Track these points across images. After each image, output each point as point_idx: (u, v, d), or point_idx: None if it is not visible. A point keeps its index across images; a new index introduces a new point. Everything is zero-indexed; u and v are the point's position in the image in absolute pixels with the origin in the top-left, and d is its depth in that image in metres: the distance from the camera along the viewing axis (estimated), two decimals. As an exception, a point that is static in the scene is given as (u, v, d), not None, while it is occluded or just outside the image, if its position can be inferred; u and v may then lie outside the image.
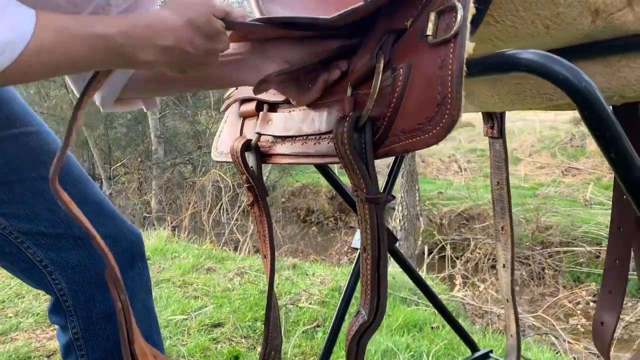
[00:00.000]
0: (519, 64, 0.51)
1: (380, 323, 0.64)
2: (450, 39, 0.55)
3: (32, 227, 0.88)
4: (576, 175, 8.03)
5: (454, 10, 0.56)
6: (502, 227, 1.27)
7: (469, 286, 4.98)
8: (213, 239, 5.76)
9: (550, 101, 0.89)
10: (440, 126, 0.54)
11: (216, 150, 1.06)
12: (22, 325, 2.33)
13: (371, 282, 0.63)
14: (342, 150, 0.62)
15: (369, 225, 0.63)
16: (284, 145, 0.84)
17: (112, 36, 0.59)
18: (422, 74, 0.58)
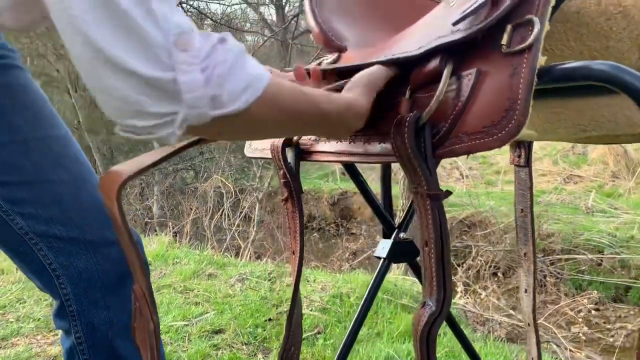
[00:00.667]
0: (591, 74, 0.54)
1: (447, 313, 0.68)
2: (525, 50, 0.59)
3: (47, 230, 0.90)
4: (578, 183, 8.02)
5: (530, 25, 0.60)
6: (524, 254, 1.30)
7: (470, 293, 4.97)
8: (214, 244, 5.76)
9: (584, 132, 0.90)
10: (506, 130, 0.57)
11: (250, 147, 1.09)
12: (23, 330, 2.33)
13: (436, 275, 0.66)
14: (402, 148, 0.65)
15: (431, 219, 0.66)
16: (329, 144, 0.87)
17: (330, 114, 0.66)
18: (491, 79, 0.61)
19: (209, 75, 0.53)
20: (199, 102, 0.53)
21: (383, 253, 1.24)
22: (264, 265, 3.49)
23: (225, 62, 0.54)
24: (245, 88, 0.56)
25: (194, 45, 0.53)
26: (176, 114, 0.54)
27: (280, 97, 0.61)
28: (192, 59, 0.52)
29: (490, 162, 9.46)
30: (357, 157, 0.79)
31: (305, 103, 0.64)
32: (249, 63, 0.57)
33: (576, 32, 0.73)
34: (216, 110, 0.55)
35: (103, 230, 0.94)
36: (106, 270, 0.94)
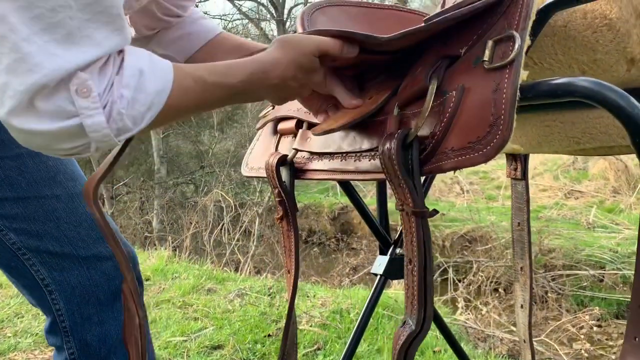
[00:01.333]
0: (574, 91, 0.55)
1: (427, 332, 0.67)
2: (506, 65, 0.59)
3: (40, 245, 0.90)
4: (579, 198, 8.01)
5: (512, 40, 0.61)
6: (521, 268, 1.29)
7: (471, 309, 4.93)
8: (214, 259, 5.74)
9: (577, 145, 0.90)
10: (491, 145, 0.58)
11: (246, 166, 1.10)
12: (20, 345, 2.31)
13: (418, 293, 0.66)
14: (390, 165, 0.66)
15: (416, 238, 0.66)
16: (321, 162, 0.87)
17: (237, 85, 0.69)
18: (475, 96, 0.62)
19: (108, 113, 0.58)
20: (104, 138, 0.59)
21: (380, 270, 1.23)
22: (263, 281, 3.47)
23: (122, 97, 0.59)
24: (148, 109, 0.61)
25: (93, 89, 0.57)
26: (89, 144, 0.59)
27: (184, 98, 0.64)
28: (93, 104, 0.57)
29: (491, 177, 9.46)
30: (350, 175, 0.79)
31: (211, 88, 0.67)
32: (149, 82, 0.61)
33: (564, 45, 0.74)
34: (122, 136, 0.61)
35: (96, 246, 0.94)
36: (100, 286, 0.94)
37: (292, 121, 0.99)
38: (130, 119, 0.59)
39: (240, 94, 0.70)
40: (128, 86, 0.59)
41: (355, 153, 0.78)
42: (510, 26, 0.62)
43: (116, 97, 0.58)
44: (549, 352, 3.95)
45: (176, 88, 0.63)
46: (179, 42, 1.01)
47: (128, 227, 8.12)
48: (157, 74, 0.62)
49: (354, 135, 0.80)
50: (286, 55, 0.71)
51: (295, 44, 0.73)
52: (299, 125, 0.97)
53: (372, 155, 0.75)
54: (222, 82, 0.67)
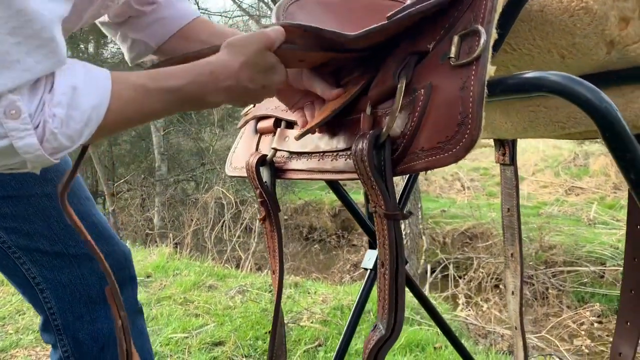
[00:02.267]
0: (542, 85, 0.53)
1: (397, 337, 0.65)
2: (473, 62, 0.57)
3: (30, 244, 0.89)
4: (579, 195, 8.00)
5: (477, 35, 0.58)
6: (511, 254, 1.28)
7: (472, 306, 4.94)
8: (215, 256, 5.74)
9: (563, 129, 0.89)
10: (460, 145, 0.56)
11: (230, 165, 1.09)
12: (22, 342, 2.31)
13: (389, 297, 0.64)
14: (362, 167, 0.64)
15: (387, 240, 0.64)
16: (300, 161, 0.86)
17: (182, 88, 0.65)
18: (443, 94, 0.60)
19: (41, 134, 0.56)
20: (39, 158, 0.57)
21: (369, 264, 1.23)
22: (264, 277, 3.47)
23: (54, 116, 0.56)
24: (86, 124, 0.58)
25: (23, 110, 0.55)
26: (25, 162, 0.57)
27: (124, 109, 0.62)
28: (23, 125, 0.55)
29: (492, 173, 9.46)
30: (328, 175, 0.78)
31: (154, 94, 0.64)
32: (84, 97, 0.58)
33: (541, 30, 0.72)
34: (59, 154, 0.58)
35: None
36: (91, 284, 0.94)
37: (270, 120, 0.97)
38: (66, 137, 0.57)
39: (190, 99, 0.67)
40: (60, 104, 0.57)
41: (332, 152, 0.77)
42: (476, 20, 0.60)
43: (47, 116, 0.56)
44: (549, 348, 3.96)
45: (115, 100, 0.60)
46: (152, 27, 0.97)
47: (129, 224, 8.14)
48: (92, 89, 0.59)
49: (331, 135, 0.78)
50: (236, 57, 0.68)
51: (243, 45, 0.69)
52: (278, 123, 0.95)
53: (348, 154, 0.72)
54: (165, 87, 0.64)
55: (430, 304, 1.42)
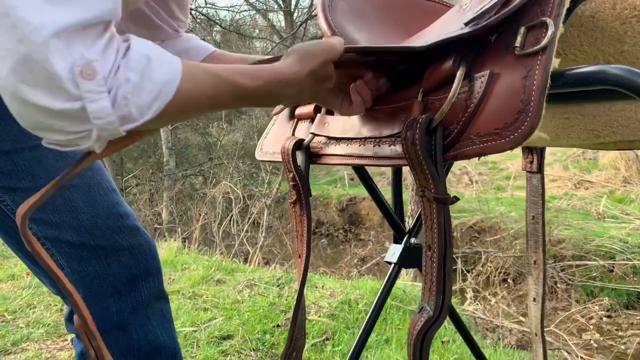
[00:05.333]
0: (606, 78, 0.53)
1: (444, 319, 0.66)
2: (538, 52, 0.58)
3: (58, 235, 0.90)
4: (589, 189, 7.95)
5: (544, 27, 0.59)
6: (534, 261, 1.28)
7: (480, 300, 4.93)
8: (223, 250, 5.77)
9: (597, 138, 0.89)
10: (519, 132, 0.56)
11: (261, 150, 1.10)
12: (33, 335, 2.34)
13: (437, 279, 0.66)
14: (412, 151, 0.65)
15: (436, 224, 0.65)
16: (339, 147, 0.86)
17: (250, 89, 0.66)
18: (504, 82, 0.61)
19: (114, 98, 0.54)
20: (108, 125, 0.55)
21: (394, 258, 1.23)
22: (272, 271, 3.48)
23: (128, 81, 0.55)
24: (155, 98, 0.57)
25: (99, 72, 0.53)
26: (91, 131, 0.55)
27: (194, 91, 0.61)
28: (98, 87, 0.53)
29: (500, 167, 9.42)
30: (367, 160, 0.79)
31: (222, 86, 0.64)
32: (157, 70, 0.57)
33: (590, 36, 0.72)
34: (127, 125, 0.57)
35: (114, 235, 0.95)
36: (117, 276, 0.95)
37: (310, 105, 0.98)
38: (136, 107, 0.56)
39: (252, 98, 0.68)
40: (134, 70, 0.56)
41: (374, 139, 0.77)
42: (543, 13, 0.61)
43: (122, 80, 0.55)
44: (558, 343, 3.94)
45: (186, 80, 0.59)
46: (183, 54, 1.00)
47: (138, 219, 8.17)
48: (165, 63, 0.59)
49: (375, 121, 0.79)
50: (305, 68, 0.70)
51: (312, 55, 0.71)
52: (317, 109, 0.96)
53: (393, 141, 0.74)
54: (236, 82, 0.65)
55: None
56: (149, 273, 0.99)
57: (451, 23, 0.75)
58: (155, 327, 1.00)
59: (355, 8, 0.96)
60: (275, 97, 0.71)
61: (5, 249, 3.60)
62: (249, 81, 0.66)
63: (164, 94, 0.57)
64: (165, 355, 1.02)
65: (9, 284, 3.05)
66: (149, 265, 1.00)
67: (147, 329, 0.99)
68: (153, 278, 1.01)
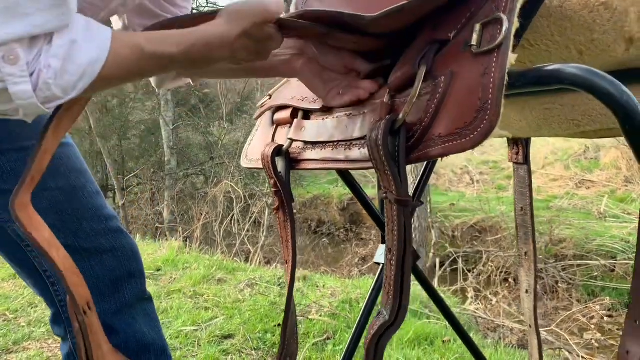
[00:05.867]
0: (563, 78, 0.53)
1: (401, 324, 0.65)
2: (494, 49, 0.58)
3: None
4: (590, 188, 7.94)
5: (499, 23, 0.59)
6: (525, 253, 1.27)
7: (481, 299, 4.93)
8: (224, 249, 5.77)
9: (578, 127, 0.89)
10: (478, 131, 0.56)
11: (246, 158, 1.09)
12: (34, 334, 2.34)
13: (394, 283, 0.65)
14: (376, 152, 0.64)
15: (397, 226, 0.65)
16: (314, 151, 0.86)
17: (175, 55, 0.66)
18: (463, 81, 0.60)
19: (35, 82, 0.58)
20: (31, 106, 0.59)
21: (382, 259, 1.23)
22: (273, 271, 3.49)
23: (49, 67, 0.58)
24: (80, 78, 0.60)
25: (22, 58, 0.57)
26: (17, 109, 0.60)
27: (118, 68, 0.63)
28: (20, 72, 0.57)
29: (501, 167, 9.41)
30: (340, 164, 0.78)
31: (145, 59, 0.65)
32: (82, 52, 0.60)
33: (560, 26, 0.72)
34: (51, 104, 0.60)
35: (98, 238, 0.95)
36: (100, 278, 0.95)
37: (287, 110, 0.97)
38: (59, 88, 0.59)
39: (180, 63, 0.68)
40: (56, 56, 0.58)
41: (346, 142, 0.77)
42: (498, 8, 0.60)
43: (43, 66, 0.58)
44: (559, 342, 3.94)
45: (112, 58, 0.61)
46: None
47: (139, 218, 8.19)
48: (92, 44, 0.61)
49: (346, 124, 0.79)
50: (233, 29, 0.68)
51: (241, 16, 0.68)
52: (295, 114, 0.95)
53: (362, 144, 0.73)
54: (159, 52, 0.65)
55: (439, 297, 1.42)
56: (132, 275, 1.00)
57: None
58: (142, 326, 1.01)
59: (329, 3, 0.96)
60: (206, 60, 0.69)
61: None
62: (175, 48, 0.66)
63: (88, 74, 0.60)
64: (154, 352, 1.02)
65: (10, 283, 3.06)
66: (132, 268, 1.00)
67: (134, 329, 0.99)
68: (136, 280, 1.01)
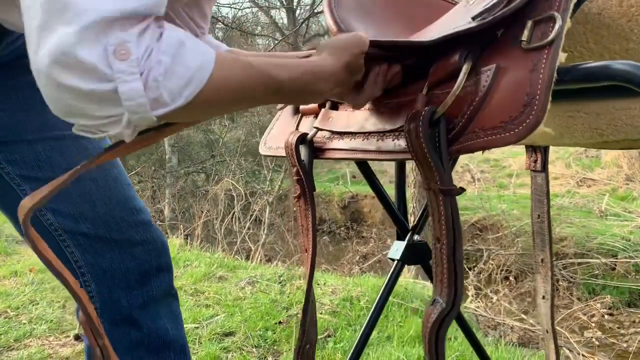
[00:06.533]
0: (614, 74, 0.54)
1: (458, 310, 0.66)
2: (546, 46, 0.58)
3: (75, 227, 0.91)
4: (591, 186, 7.93)
5: (552, 20, 0.59)
6: (541, 260, 1.27)
7: (481, 297, 4.93)
8: (225, 247, 5.78)
9: (601, 137, 0.89)
10: (523, 125, 0.56)
11: (264, 145, 1.09)
12: (35, 332, 2.35)
13: (448, 271, 0.65)
14: (417, 143, 0.65)
15: (444, 216, 0.65)
16: (342, 141, 0.86)
17: (286, 82, 0.65)
18: (510, 75, 0.61)
19: (145, 80, 0.54)
20: (139, 108, 0.55)
21: (397, 255, 1.23)
22: (274, 268, 3.49)
23: (160, 63, 0.54)
24: (187, 84, 0.56)
25: (132, 53, 0.53)
26: (121, 115, 0.55)
27: (227, 80, 0.60)
28: (131, 68, 0.53)
29: (502, 165, 9.41)
30: (371, 154, 0.79)
31: (255, 76, 0.62)
32: (190, 55, 0.57)
33: (596, 33, 0.72)
34: (158, 111, 0.56)
35: (129, 229, 0.95)
36: (130, 270, 0.95)
37: None
38: (167, 90, 0.55)
39: (286, 91, 0.67)
40: (166, 52, 0.55)
41: (378, 133, 0.77)
42: (550, 7, 0.61)
43: (154, 62, 0.54)
44: (560, 341, 3.94)
45: (218, 67, 0.58)
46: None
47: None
48: (198, 50, 0.58)
49: (378, 116, 0.79)
50: (340, 60, 0.70)
51: (346, 47, 0.71)
52: (322, 104, 0.95)
53: (396, 135, 0.74)
54: (270, 73, 0.63)
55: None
56: (161, 269, 1.00)
57: (458, 18, 0.75)
58: (166, 322, 1.01)
59: (361, 4, 0.96)
60: (310, 91, 0.69)
61: (8, 245, 3.61)
62: (285, 73, 0.64)
63: (196, 80, 0.56)
64: (174, 350, 1.02)
65: (11, 280, 3.06)
66: (161, 261, 1.00)
67: (157, 324, 0.99)
68: (164, 274, 1.01)
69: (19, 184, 0.89)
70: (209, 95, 0.58)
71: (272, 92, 0.65)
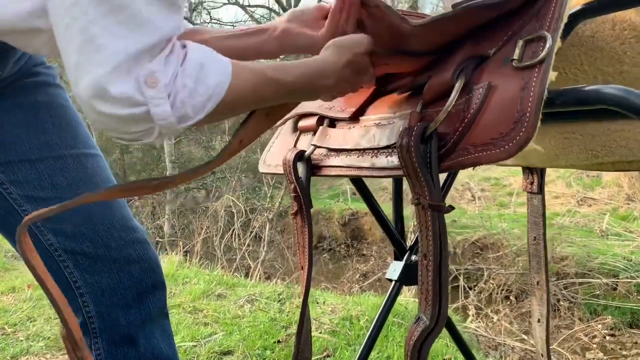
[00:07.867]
0: (604, 99, 0.55)
1: (442, 328, 0.66)
2: (536, 65, 0.60)
3: (75, 246, 0.91)
4: (592, 206, 7.92)
5: (542, 40, 0.61)
6: (537, 282, 1.27)
7: (482, 317, 4.90)
8: (224, 264, 5.75)
9: (595, 158, 0.89)
10: (513, 142, 0.57)
11: (264, 163, 1.11)
12: (32, 349, 2.32)
13: (432, 288, 0.65)
14: (407, 158, 0.66)
15: (431, 232, 0.66)
16: (338, 158, 0.88)
17: (292, 84, 0.72)
18: (501, 93, 0.62)
19: (172, 102, 0.62)
20: (169, 124, 0.64)
21: (394, 275, 1.22)
22: (273, 286, 3.47)
23: (185, 86, 0.63)
24: (208, 99, 0.65)
25: (161, 80, 0.61)
26: (153, 128, 0.64)
27: (242, 90, 0.68)
28: (160, 94, 0.61)
29: (502, 183, 9.40)
30: (365, 171, 0.80)
31: (265, 84, 0.70)
32: (210, 75, 0.65)
33: (590, 55, 0.73)
34: (184, 123, 0.65)
35: (127, 248, 0.95)
36: (127, 288, 0.96)
37: (313, 118, 0.99)
38: (191, 108, 0.63)
39: (294, 92, 0.74)
40: (190, 77, 0.63)
41: (372, 150, 0.78)
42: (541, 27, 0.62)
43: (179, 86, 0.62)
44: (561, 361, 3.90)
45: (235, 80, 0.66)
46: None
47: (140, 232, 8.16)
48: (217, 68, 0.66)
49: (373, 133, 0.80)
50: (342, 57, 0.75)
51: (350, 45, 0.76)
52: (320, 122, 0.97)
53: (390, 152, 0.75)
54: (279, 79, 0.70)
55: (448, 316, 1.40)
56: (156, 287, 1.00)
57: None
58: (159, 341, 1.01)
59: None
60: (316, 88, 0.75)
61: (7, 261, 3.59)
62: (290, 77, 0.71)
63: (216, 95, 0.65)
64: None
65: (9, 296, 3.04)
66: (156, 279, 1.01)
67: (152, 343, 1.00)
68: (159, 292, 1.02)
69: (21, 204, 0.89)
70: (227, 105, 0.67)
71: (280, 95, 0.73)
